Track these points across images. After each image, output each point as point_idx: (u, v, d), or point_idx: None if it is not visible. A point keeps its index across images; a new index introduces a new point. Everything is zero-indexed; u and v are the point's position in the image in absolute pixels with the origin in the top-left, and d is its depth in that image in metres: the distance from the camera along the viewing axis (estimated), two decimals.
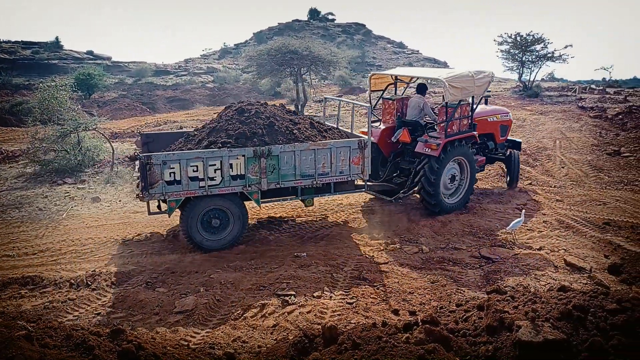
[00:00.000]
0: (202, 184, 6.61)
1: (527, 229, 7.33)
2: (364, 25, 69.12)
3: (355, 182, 7.81)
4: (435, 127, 8.43)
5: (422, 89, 9.32)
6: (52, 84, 12.54)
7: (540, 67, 28.78)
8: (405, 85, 10.22)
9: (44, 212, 8.66)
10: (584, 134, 14.38)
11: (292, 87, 24.92)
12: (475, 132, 8.49)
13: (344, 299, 5.39)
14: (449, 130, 7.98)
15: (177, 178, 6.50)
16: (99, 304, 5.24)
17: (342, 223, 7.95)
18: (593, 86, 31.39)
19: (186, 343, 4.40)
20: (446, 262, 6.35)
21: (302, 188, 7.27)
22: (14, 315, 4.03)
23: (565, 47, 28.14)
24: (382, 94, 10.01)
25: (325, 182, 7.39)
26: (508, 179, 9.52)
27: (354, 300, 5.34)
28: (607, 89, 28.61)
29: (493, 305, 3.63)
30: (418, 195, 8.20)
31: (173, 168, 6.46)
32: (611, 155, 11.80)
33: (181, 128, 19.15)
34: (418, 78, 9.79)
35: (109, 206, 9.10)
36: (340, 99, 12.15)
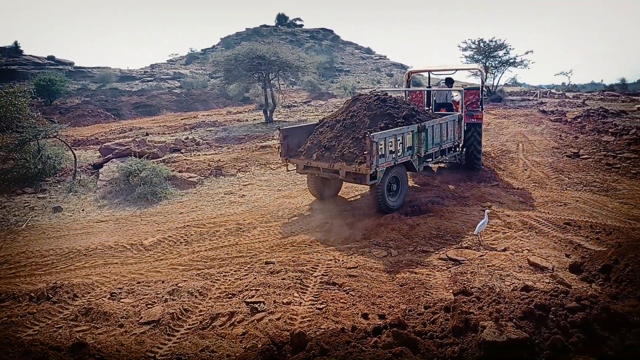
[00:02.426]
0: (393, 156, 8.19)
1: (493, 231, 7.49)
2: (331, 31, 69.71)
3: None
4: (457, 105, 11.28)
5: (449, 81, 12.35)
6: (10, 90, 12.12)
7: (503, 73, 29.66)
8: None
9: (2, 223, 8.36)
10: (545, 137, 14.85)
11: (261, 93, 24.85)
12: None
13: (313, 304, 5.38)
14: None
15: (383, 153, 7.93)
16: (60, 317, 5.07)
17: (311, 228, 7.94)
18: (553, 90, 32.55)
19: (152, 355, 4.30)
20: (414, 265, 6.42)
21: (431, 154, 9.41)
22: None
23: (526, 52, 29.14)
24: (409, 85, 12.99)
25: (444, 148, 9.74)
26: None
27: (323, 305, 5.33)
28: (567, 93, 29.70)
29: (459, 307, 3.69)
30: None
31: (381, 145, 7.90)
32: (571, 158, 12.22)
33: (147, 134, 18.83)
34: (450, 71, 12.53)
35: (71, 216, 8.85)
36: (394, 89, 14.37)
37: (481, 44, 28.61)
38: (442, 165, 11.73)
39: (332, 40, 66.79)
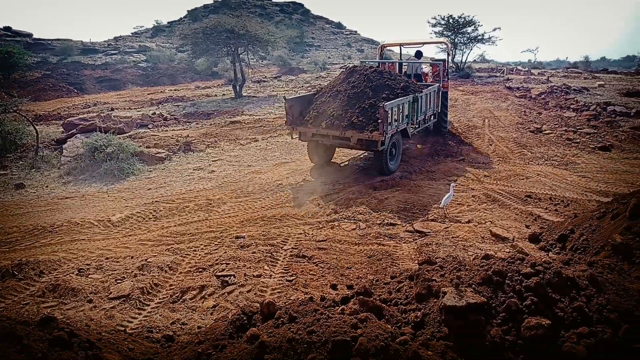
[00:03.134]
0: (396, 123, 9.00)
1: (458, 204, 7.72)
2: (302, 5, 68.63)
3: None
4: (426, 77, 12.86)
5: (419, 54, 13.14)
6: None
7: (471, 49, 29.97)
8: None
9: None
10: (510, 112, 15.20)
11: (230, 67, 24.46)
12: None
13: (283, 276, 5.48)
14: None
15: (390, 121, 8.69)
16: (27, 294, 5.02)
17: (281, 203, 8.00)
18: (519, 67, 33.13)
19: (123, 328, 4.32)
20: (382, 237, 6.58)
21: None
22: None
23: (494, 29, 29.54)
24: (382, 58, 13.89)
25: (427, 116, 10.74)
26: None
27: (293, 277, 5.44)
28: (532, 70, 30.29)
29: (422, 275, 3.85)
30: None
31: (393, 113, 8.79)
32: (534, 133, 12.59)
33: (112, 110, 18.34)
34: (420, 44, 13.31)
35: (34, 192, 8.66)
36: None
37: (450, 20, 28.76)
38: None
39: (302, 14, 65.82)
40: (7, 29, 44.74)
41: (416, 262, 5.72)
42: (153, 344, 3.89)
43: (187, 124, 15.63)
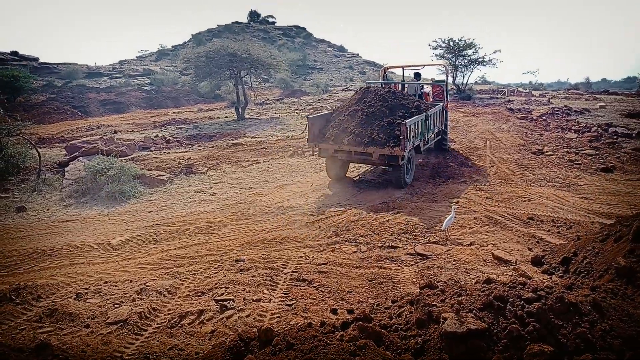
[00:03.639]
0: (412, 140, 9.54)
1: (460, 226, 7.67)
2: (304, 29, 69.67)
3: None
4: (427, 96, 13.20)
5: (418, 75, 13.80)
6: None
7: (472, 71, 30.22)
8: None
9: None
10: (511, 134, 15.24)
11: (233, 90, 24.68)
12: None
13: (283, 301, 5.42)
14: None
15: (408, 137, 9.22)
16: (24, 319, 4.96)
17: (282, 226, 7.97)
18: (520, 89, 33.35)
19: (119, 354, 4.26)
20: (383, 260, 6.52)
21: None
22: None
23: (494, 52, 29.78)
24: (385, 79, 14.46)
25: (435, 132, 11.55)
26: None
27: (293, 301, 5.38)
28: (533, 92, 30.48)
29: (422, 300, 3.79)
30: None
31: (413, 129, 9.46)
32: (535, 154, 12.59)
33: (115, 132, 18.48)
34: (420, 67, 14.00)
35: (35, 215, 8.65)
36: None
37: (451, 43, 29.09)
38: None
39: (305, 37, 66.74)
40: (14, 53, 45.41)
41: (418, 285, 5.65)
42: None
43: (190, 146, 15.71)
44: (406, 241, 7.19)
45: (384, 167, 10.99)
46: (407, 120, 9.18)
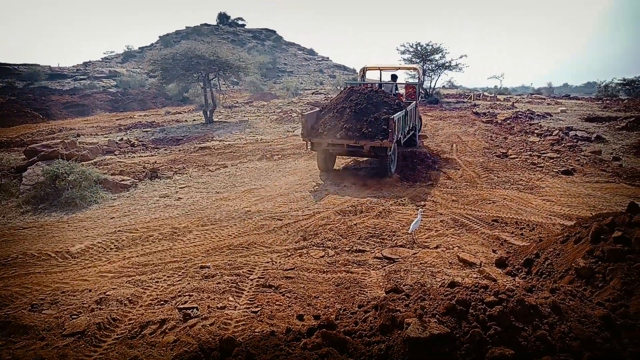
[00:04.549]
0: (396, 134, 10.57)
1: (426, 229, 7.73)
2: (274, 32, 69.49)
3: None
4: (400, 97, 13.90)
5: (394, 77, 14.90)
6: None
7: (439, 75, 30.73)
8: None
9: None
10: (477, 137, 15.52)
11: (201, 93, 24.36)
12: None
13: (249, 308, 5.32)
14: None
15: (395, 130, 10.37)
16: None
17: (249, 231, 7.85)
18: (486, 93, 34.10)
19: None
20: (351, 264, 6.50)
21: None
22: None
23: (461, 57, 30.40)
24: (363, 79, 15.24)
25: (410, 128, 12.78)
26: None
27: (259, 308, 5.28)
28: (498, 96, 31.20)
29: (386, 305, 3.77)
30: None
31: (398, 124, 10.67)
32: (500, 157, 12.85)
33: (78, 136, 17.95)
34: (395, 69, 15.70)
35: None
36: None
37: (418, 48, 29.51)
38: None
39: (274, 40, 66.57)
40: None
41: (384, 289, 5.65)
42: None
43: (155, 150, 15.39)
44: (374, 245, 7.19)
45: (356, 167, 11.86)
46: (394, 115, 10.30)
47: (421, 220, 7.42)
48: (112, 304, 5.35)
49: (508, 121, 18.21)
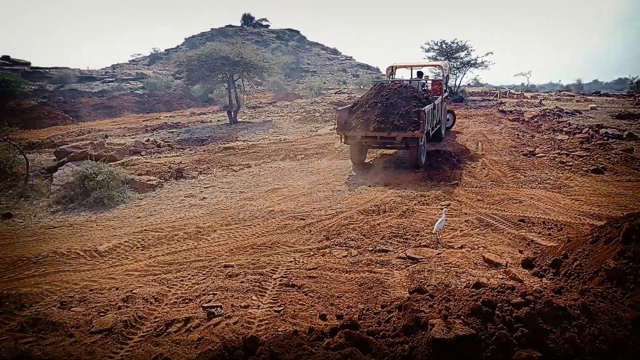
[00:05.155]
0: (426, 125, 11.18)
1: (451, 229, 7.63)
2: (298, 32, 69.76)
3: None
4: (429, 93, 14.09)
5: (420, 74, 15.47)
6: None
7: (464, 73, 30.30)
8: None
9: None
10: (503, 136, 15.25)
11: (225, 94, 24.63)
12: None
13: (272, 307, 5.34)
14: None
15: (426, 121, 11.09)
16: (5, 329, 4.85)
17: (272, 230, 7.89)
18: (512, 91, 33.47)
19: None
20: (374, 264, 6.46)
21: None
22: None
23: (487, 54, 29.92)
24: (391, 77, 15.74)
25: (437, 121, 13.55)
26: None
27: (282, 308, 5.30)
28: (525, 94, 30.58)
29: (410, 306, 3.73)
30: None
31: (430, 115, 11.50)
32: (527, 156, 12.59)
33: (106, 137, 18.35)
34: (421, 66, 16.41)
35: (22, 222, 8.52)
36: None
37: (443, 45, 29.17)
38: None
39: (298, 40, 66.81)
40: (6, 57, 45.07)
41: (407, 289, 5.60)
42: None
43: (181, 150, 15.62)
44: (397, 244, 7.13)
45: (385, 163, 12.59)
46: (425, 107, 11.04)
47: (445, 219, 7.33)
48: (139, 302, 5.44)
49: (535, 119, 17.82)
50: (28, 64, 44.75)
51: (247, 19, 69.73)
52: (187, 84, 26.37)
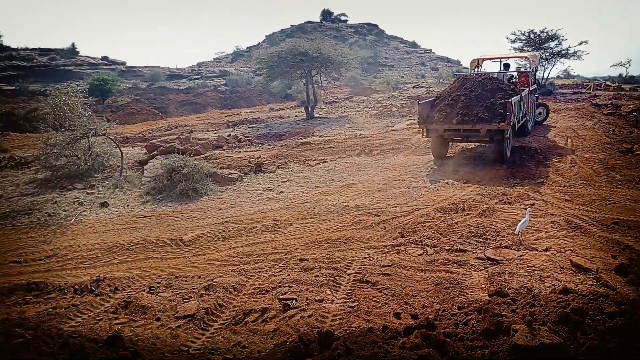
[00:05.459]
0: (512, 117, 10.84)
1: (535, 230, 7.22)
2: (376, 26, 69.25)
3: None
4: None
5: (507, 66, 14.93)
6: (65, 90, 12.76)
7: (554, 65, 28.45)
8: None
9: (53, 217, 8.80)
10: (596, 131, 14.16)
11: (303, 89, 25.01)
12: None
13: (346, 302, 5.36)
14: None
15: (512, 113, 10.72)
16: (101, 310, 5.29)
17: (347, 226, 7.91)
18: (608, 83, 30.89)
19: (186, 349, 4.41)
20: (451, 264, 6.28)
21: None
22: (16, 322, 4.08)
23: (580, 43, 27.81)
24: (475, 70, 15.33)
25: (523, 114, 13.02)
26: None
27: (355, 304, 5.30)
28: (623, 86, 28.11)
29: (491, 309, 3.59)
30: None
31: (516, 107, 11.19)
32: (624, 153, 11.58)
33: (191, 132, 19.34)
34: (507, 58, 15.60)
35: (116, 211, 9.21)
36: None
37: (531, 35, 27.59)
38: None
39: (376, 35, 66.28)
40: (105, 58, 48.86)
41: (487, 292, 5.38)
42: None
43: (260, 145, 16.09)
44: (476, 245, 6.87)
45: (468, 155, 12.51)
46: (511, 99, 10.69)
47: (529, 220, 6.94)
48: (219, 291, 5.69)
49: (634, 113, 16.34)
50: (124, 63, 48.24)
51: (326, 14, 70.30)
52: (267, 80, 27.10)
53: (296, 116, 23.44)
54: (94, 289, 5.75)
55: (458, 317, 4.21)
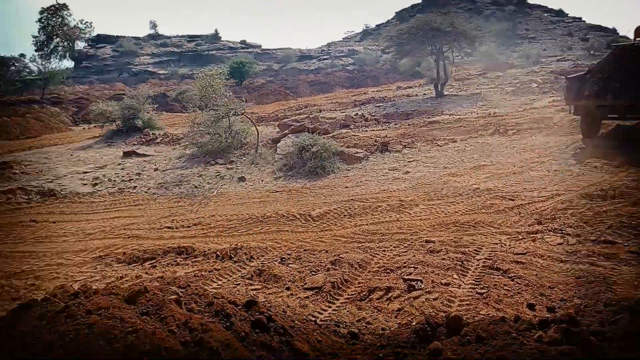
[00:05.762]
0: None
1: None
2: None
3: None
4: None
5: None
6: (210, 73, 13.96)
7: None
8: None
9: (199, 189, 9.76)
10: None
11: (433, 66, 24.17)
12: None
13: (474, 288, 5.15)
14: None
15: None
16: (239, 276, 5.76)
17: (477, 209, 7.56)
18: None
19: (314, 319, 4.62)
20: (596, 256, 5.67)
21: None
22: (169, 280, 4.64)
23: None
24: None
25: None
26: None
27: (485, 290, 5.07)
28: None
29: None
30: None
31: None
32: None
33: (320, 111, 19.90)
34: None
35: (252, 185, 9.90)
36: None
37: None
38: None
39: (516, 4, 61.23)
40: (243, 42, 52.21)
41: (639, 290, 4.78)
42: (339, 339, 4.05)
43: (386, 124, 16.01)
44: (628, 237, 6.11)
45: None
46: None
47: None
48: (345, 266, 5.83)
49: None
50: (259, 46, 51.12)
51: None
52: (395, 58, 26.73)
53: (424, 94, 22.80)
54: (232, 256, 6.28)
55: (604, 315, 3.81)
